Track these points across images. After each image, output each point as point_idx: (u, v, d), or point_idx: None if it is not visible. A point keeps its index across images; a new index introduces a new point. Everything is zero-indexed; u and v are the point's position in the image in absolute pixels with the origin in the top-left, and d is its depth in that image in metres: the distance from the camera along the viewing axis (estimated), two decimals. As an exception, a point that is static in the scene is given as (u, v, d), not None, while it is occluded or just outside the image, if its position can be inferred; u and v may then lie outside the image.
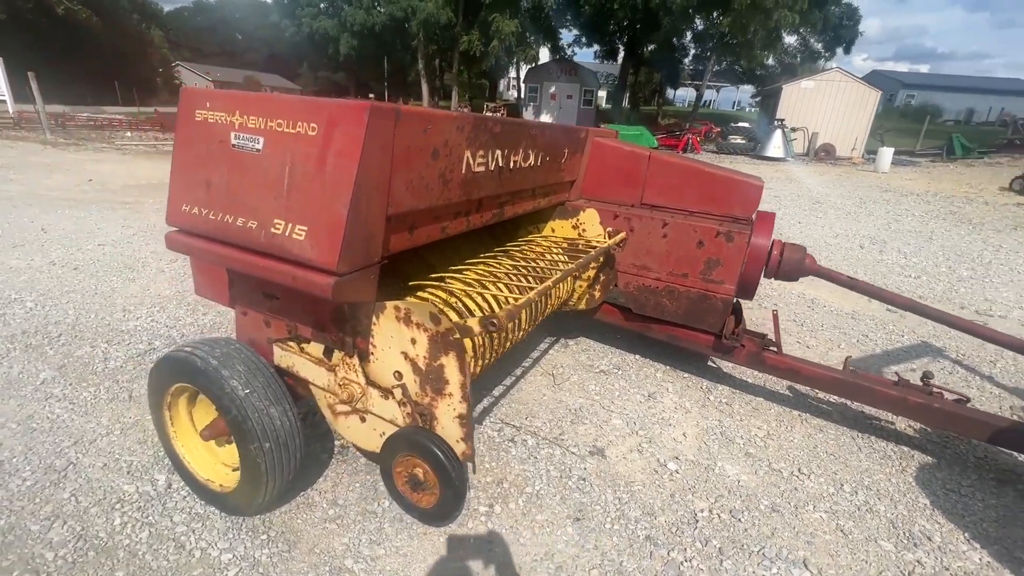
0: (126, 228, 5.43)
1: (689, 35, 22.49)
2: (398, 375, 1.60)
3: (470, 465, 1.62)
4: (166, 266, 4.29)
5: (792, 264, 2.71)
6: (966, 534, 2.02)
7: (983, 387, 3.20)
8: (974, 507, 2.16)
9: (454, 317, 1.74)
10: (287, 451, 1.66)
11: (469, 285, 1.95)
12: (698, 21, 19.21)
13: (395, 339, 1.57)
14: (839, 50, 26.60)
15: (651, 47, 24.65)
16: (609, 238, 2.76)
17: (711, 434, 2.56)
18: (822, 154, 17.67)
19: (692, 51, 28.09)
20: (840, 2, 23.79)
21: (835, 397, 2.93)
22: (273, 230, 1.42)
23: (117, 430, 2.21)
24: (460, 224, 1.86)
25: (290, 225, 1.39)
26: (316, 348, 1.80)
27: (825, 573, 1.80)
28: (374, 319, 1.58)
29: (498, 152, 1.87)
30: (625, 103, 27.69)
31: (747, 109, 56.18)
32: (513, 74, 28.35)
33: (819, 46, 26.59)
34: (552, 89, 23.84)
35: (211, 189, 1.52)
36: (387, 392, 1.62)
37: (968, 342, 3.74)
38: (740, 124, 19.26)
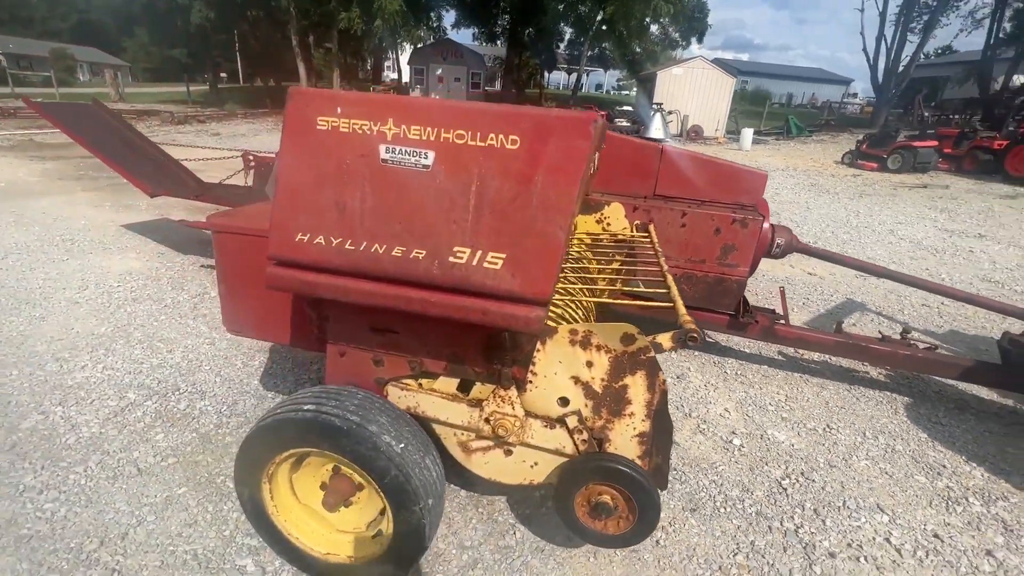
0: (-18, 250, 4.23)
1: (570, 20, 23.34)
2: (564, 401, 1.49)
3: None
4: (77, 295, 3.44)
5: (784, 244, 3.03)
6: (962, 457, 2.48)
7: (894, 328, 3.90)
8: (956, 433, 2.66)
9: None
10: (440, 504, 1.48)
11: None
12: (582, 8, 20.00)
13: (564, 364, 1.45)
14: (693, 39, 29.76)
15: (531, 31, 25.11)
16: (636, 231, 2.82)
17: (746, 405, 2.79)
18: (692, 135, 19.68)
19: (567, 36, 29.28)
20: (693, -5, 26.52)
21: (819, 356, 3.36)
22: (453, 259, 1.23)
23: (149, 515, 1.76)
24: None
25: (479, 253, 1.21)
26: (446, 383, 1.60)
27: (896, 512, 2.09)
28: (538, 345, 1.45)
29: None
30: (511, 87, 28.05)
31: (610, 92, 60.14)
32: (394, 54, 27.00)
33: (676, 35, 29.44)
34: (439, 71, 23.22)
35: (346, 214, 1.26)
36: (553, 421, 1.51)
37: (878, 294, 4.52)
38: (625, 108, 20.65)
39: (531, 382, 1.50)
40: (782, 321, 3.01)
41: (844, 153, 13.99)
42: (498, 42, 28.60)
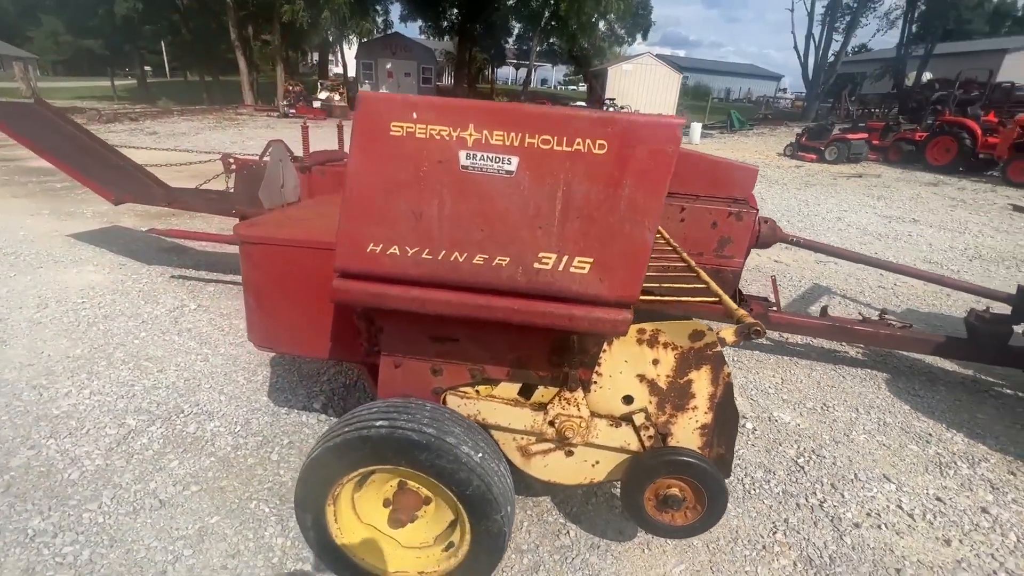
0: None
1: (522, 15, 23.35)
2: (628, 399, 1.51)
3: None
4: (38, 314, 3.13)
5: (768, 234, 3.22)
6: (943, 425, 2.72)
7: (861, 308, 4.22)
8: (933, 404, 2.91)
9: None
10: (514, 510, 1.47)
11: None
12: (534, 3, 20.09)
13: (630, 363, 1.48)
14: (638, 36, 30.59)
15: (480, 26, 24.95)
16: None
17: (749, 390, 2.94)
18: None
19: (516, 31, 29.31)
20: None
21: (802, 339, 3.58)
22: (538, 265, 1.22)
23: (184, 549, 1.64)
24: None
25: (565, 258, 1.21)
26: (506, 389, 1.58)
27: (900, 480, 2.27)
28: (604, 346, 1.46)
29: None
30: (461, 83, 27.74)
31: (556, 87, 60.84)
32: (339, 48, 26.00)
33: (622, 31, 30.16)
34: (388, 66, 22.61)
35: (423, 222, 1.22)
36: (618, 420, 1.53)
37: (838, 278, 4.86)
38: (579, 103, 20.96)
39: (595, 382, 1.52)
40: (775, 308, 3.18)
41: (786, 145, 14.87)
42: (446, 37, 28.26)
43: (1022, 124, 10.53)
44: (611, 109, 18.22)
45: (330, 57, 28.97)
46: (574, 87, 55.74)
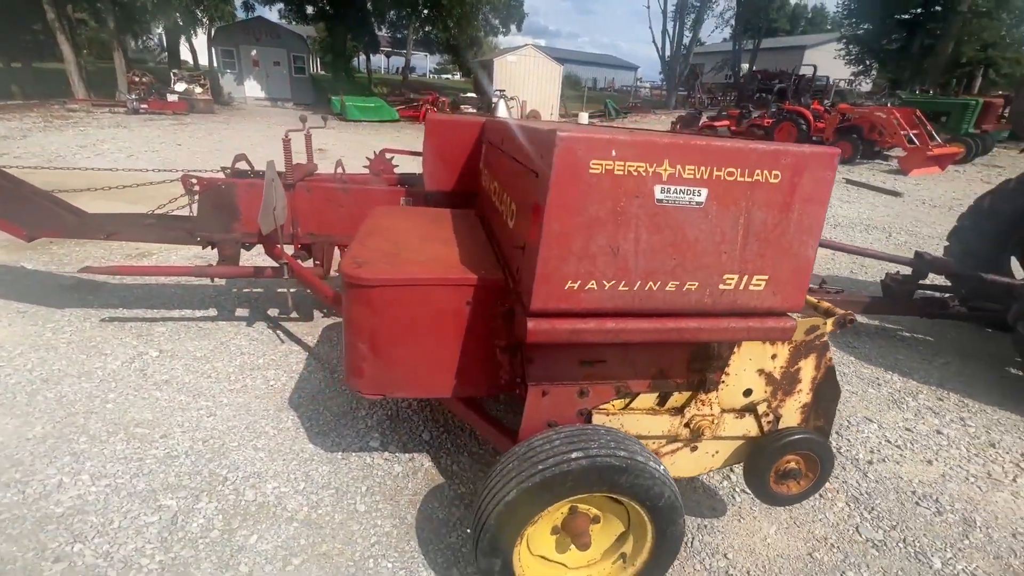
0: None
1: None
2: (747, 392, 1.69)
3: None
4: (-54, 393, 2.44)
5: None
6: (881, 368, 3.37)
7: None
8: (867, 352, 3.58)
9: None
10: (674, 510, 1.58)
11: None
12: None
13: (753, 360, 1.65)
14: (512, 26, 31.24)
15: (349, 11, 23.48)
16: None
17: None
18: (531, 120, 20.94)
19: (389, 18, 28.08)
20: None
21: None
22: (722, 286, 1.33)
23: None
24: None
25: (745, 278, 1.34)
26: (645, 400, 1.66)
27: (878, 419, 2.80)
28: (735, 347, 1.62)
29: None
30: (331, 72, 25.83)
31: (428, 76, 59.82)
32: (190, 33, 22.56)
33: (496, 22, 30.57)
34: (254, 53, 20.27)
35: (620, 256, 1.26)
36: (741, 412, 1.70)
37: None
38: (469, 95, 20.86)
39: (723, 382, 1.67)
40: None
41: (672, 122, 16.44)
42: (309, 23, 26.13)
43: (842, 111, 12.89)
44: (504, 100, 18.49)
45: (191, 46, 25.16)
46: (447, 76, 55.18)
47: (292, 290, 3.91)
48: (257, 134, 12.97)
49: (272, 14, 23.25)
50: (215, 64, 20.80)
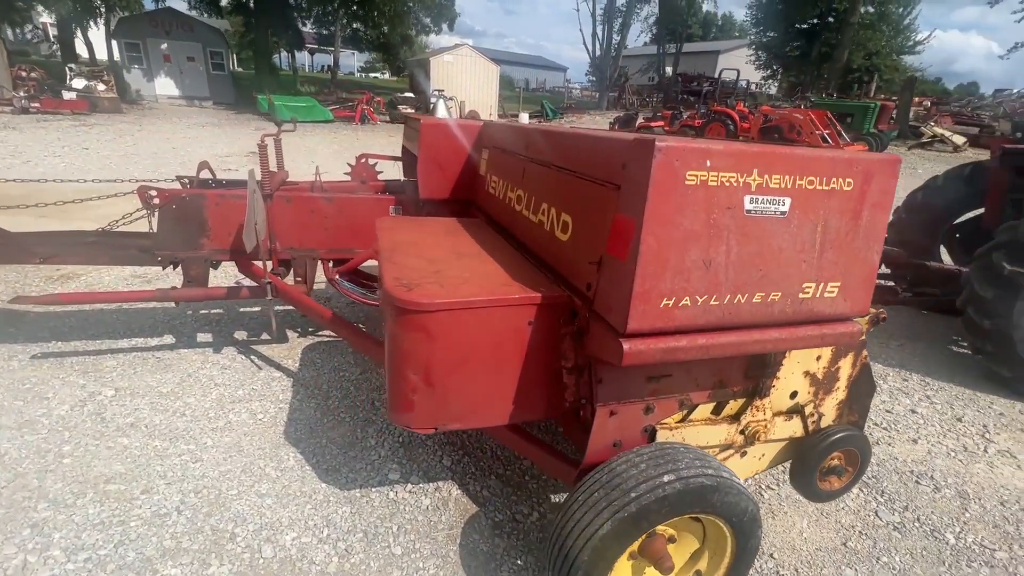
0: None
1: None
2: (794, 394, 1.72)
3: None
4: None
5: None
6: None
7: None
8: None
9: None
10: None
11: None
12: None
13: (800, 363, 1.67)
14: (444, 26, 30.84)
15: (270, 4, 22.11)
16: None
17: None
18: (471, 120, 20.77)
19: (314, 13, 26.74)
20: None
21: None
22: (802, 295, 1.33)
23: None
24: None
25: (821, 286, 1.34)
26: (702, 411, 1.63)
27: (891, 386, 2.98)
28: (786, 352, 1.63)
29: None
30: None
31: (356, 74, 57.94)
32: (84, 24, 20.06)
33: (428, 20, 30.05)
34: (164, 47, 18.43)
35: (711, 269, 1.22)
36: (789, 414, 1.72)
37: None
38: (407, 94, 20.27)
39: (773, 386, 1.68)
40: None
41: (610, 123, 16.90)
42: (223, 16, 24.28)
43: (765, 113, 13.88)
44: (443, 101, 18.19)
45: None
46: (375, 75, 53.64)
47: (277, 309, 3.58)
48: (177, 136, 11.87)
49: (181, 4, 21.34)
50: (118, 59, 18.75)
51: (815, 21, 35.20)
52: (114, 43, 18.81)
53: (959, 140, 17.15)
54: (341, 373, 2.89)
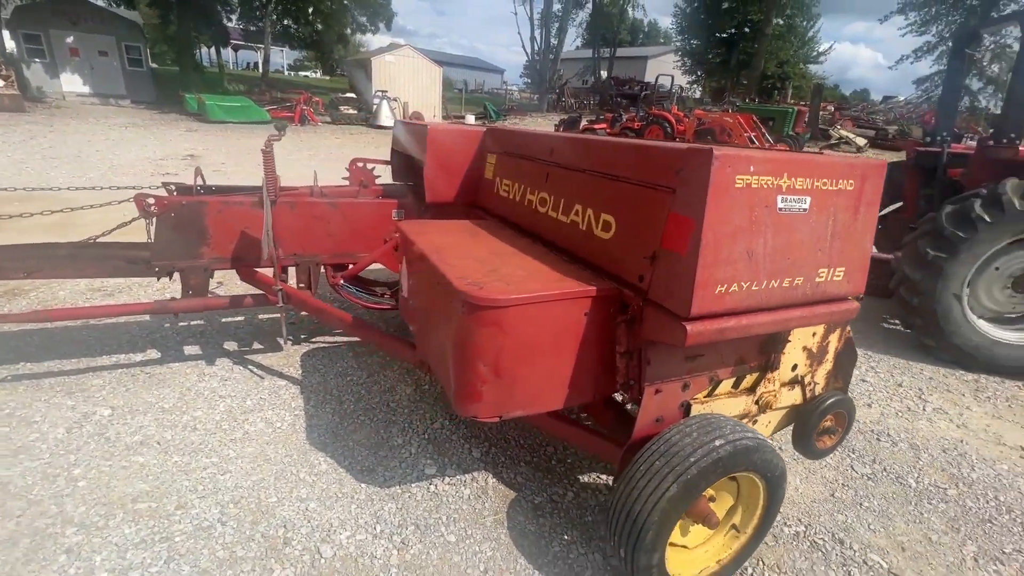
0: None
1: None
2: (795, 367, 1.97)
3: None
4: None
5: None
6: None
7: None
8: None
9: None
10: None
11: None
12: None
13: (801, 338, 1.93)
14: (381, 25, 30.16)
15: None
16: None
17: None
18: (415, 121, 20.55)
19: (241, 9, 25.31)
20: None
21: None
22: (817, 279, 1.57)
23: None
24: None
25: (832, 270, 1.59)
26: (724, 385, 1.85)
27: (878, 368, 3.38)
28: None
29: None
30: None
31: (287, 73, 55.45)
32: None
33: (364, 19, 29.28)
34: (70, 40, 16.71)
35: (753, 259, 1.43)
36: (791, 384, 1.97)
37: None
38: (348, 95, 19.65)
39: (781, 360, 1.94)
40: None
41: (555, 125, 17.31)
42: (135, 7, 22.38)
43: (699, 116, 14.82)
44: (387, 102, 17.87)
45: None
46: (306, 74, 51.49)
47: (261, 318, 3.49)
48: (98, 138, 10.91)
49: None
50: (14, 52, 16.80)
51: (733, 31, 37.89)
52: (8, 33, 16.87)
53: (861, 142, 19.14)
54: (348, 377, 2.89)
